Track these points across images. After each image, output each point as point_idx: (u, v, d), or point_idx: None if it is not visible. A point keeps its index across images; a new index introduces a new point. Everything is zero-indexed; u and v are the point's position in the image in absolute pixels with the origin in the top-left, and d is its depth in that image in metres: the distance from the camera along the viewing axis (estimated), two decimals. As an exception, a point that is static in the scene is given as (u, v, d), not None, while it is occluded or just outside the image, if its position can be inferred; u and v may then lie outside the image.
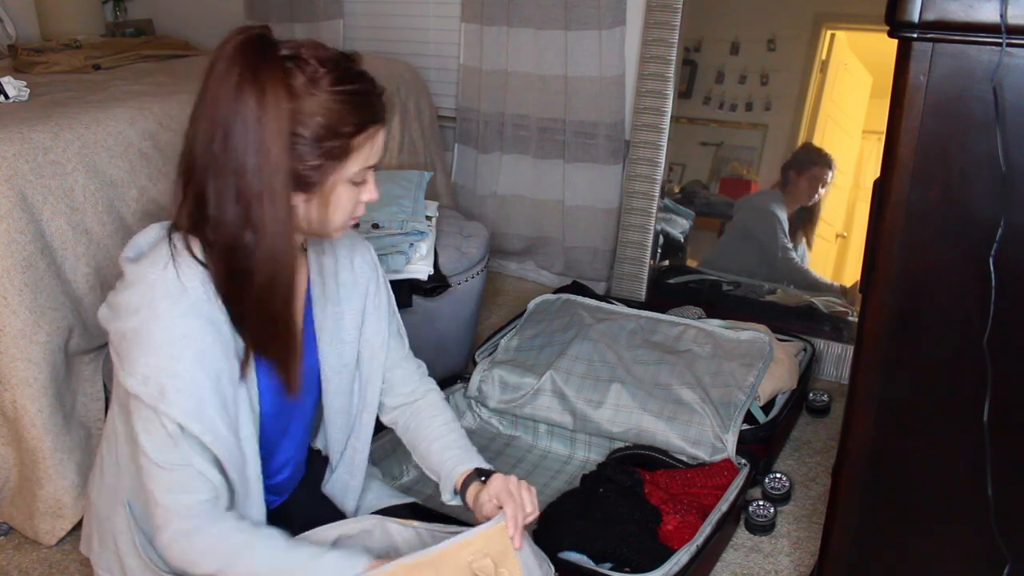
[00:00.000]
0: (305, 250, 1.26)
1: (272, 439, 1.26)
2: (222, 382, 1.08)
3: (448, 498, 1.32)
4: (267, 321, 1.12)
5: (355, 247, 1.33)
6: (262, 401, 1.17)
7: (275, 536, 1.13)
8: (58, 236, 1.66)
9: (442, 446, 1.34)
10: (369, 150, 1.11)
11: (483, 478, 1.26)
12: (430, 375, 1.49)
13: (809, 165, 2.45)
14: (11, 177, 1.60)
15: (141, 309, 1.05)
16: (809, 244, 2.47)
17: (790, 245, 2.49)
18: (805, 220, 2.48)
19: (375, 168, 1.15)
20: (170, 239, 1.09)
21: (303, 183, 1.08)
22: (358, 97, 1.08)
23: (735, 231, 2.60)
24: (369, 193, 1.15)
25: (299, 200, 1.09)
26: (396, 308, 1.41)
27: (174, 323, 1.04)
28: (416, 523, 1.28)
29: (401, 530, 1.26)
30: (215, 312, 1.08)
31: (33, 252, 1.61)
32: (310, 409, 1.34)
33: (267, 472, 1.25)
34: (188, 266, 1.07)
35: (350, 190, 1.12)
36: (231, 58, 1.03)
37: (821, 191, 2.45)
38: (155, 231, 1.16)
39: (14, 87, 2.05)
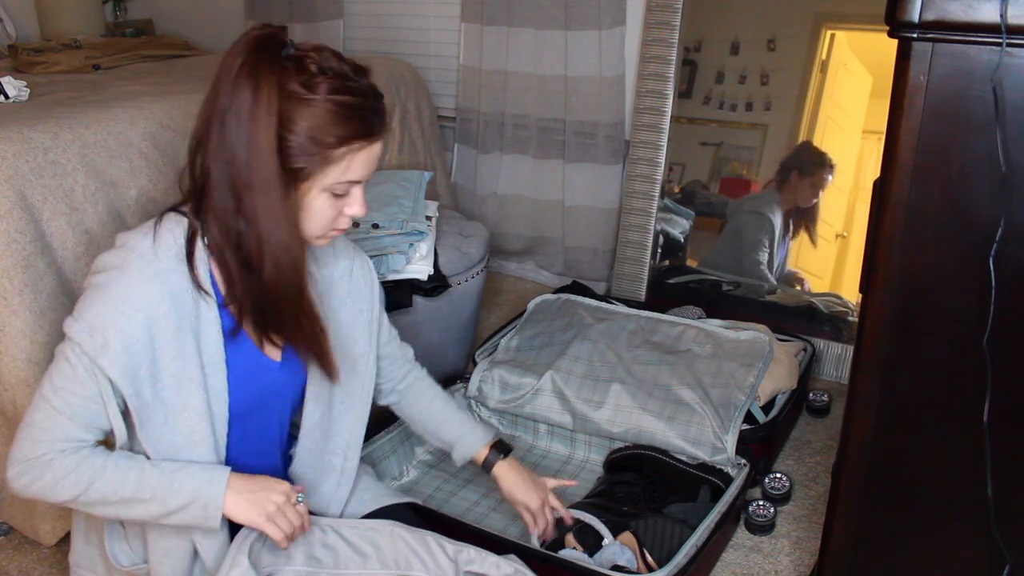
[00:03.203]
0: None
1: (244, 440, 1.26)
2: (165, 352, 1.10)
3: (460, 463, 1.53)
4: (287, 311, 1.15)
5: (355, 259, 1.35)
6: (231, 390, 1.18)
7: (134, 456, 1.14)
8: (58, 236, 1.66)
9: (453, 424, 1.53)
10: (351, 164, 1.11)
11: (502, 454, 1.52)
12: (430, 375, 1.52)
13: (811, 168, 2.45)
14: (11, 177, 1.60)
15: (112, 268, 1.10)
16: (813, 242, 2.47)
17: (764, 254, 2.50)
18: (800, 221, 2.49)
19: (361, 183, 1.15)
20: (161, 216, 1.14)
21: (285, 183, 1.09)
22: (347, 110, 1.08)
23: (729, 234, 2.60)
24: (354, 207, 1.15)
25: None
26: (384, 307, 1.45)
27: (137, 284, 1.08)
28: (430, 536, 1.27)
29: (413, 542, 1.26)
30: (183, 288, 1.11)
31: (33, 252, 1.61)
32: (288, 411, 1.33)
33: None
34: (166, 239, 1.11)
35: (328, 199, 1.13)
36: (239, 51, 1.06)
37: (819, 194, 2.46)
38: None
39: (14, 87, 2.05)
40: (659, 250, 2.67)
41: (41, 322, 1.61)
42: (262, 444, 1.30)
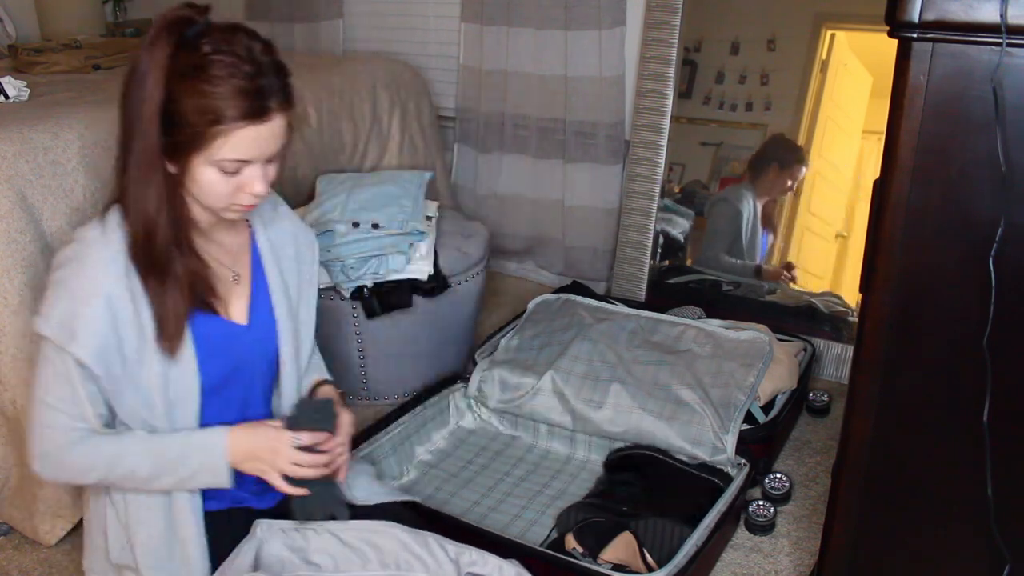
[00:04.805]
0: (248, 221, 1.35)
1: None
2: (128, 330, 1.17)
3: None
4: (146, 255, 1.19)
5: (299, 231, 1.43)
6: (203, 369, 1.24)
7: (141, 435, 1.22)
8: (58, 236, 1.66)
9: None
10: (235, 143, 1.14)
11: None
12: (431, 374, 1.53)
13: (789, 160, 2.47)
14: (11, 177, 1.60)
15: (71, 261, 1.18)
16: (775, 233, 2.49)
17: (726, 243, 2.53)
18: (777, 211, 2.52)
19: (255, 162, 1.17)
20: (107, 207, 1.22)
21: (169, 152, 1.15)
22: (230, 91, 1.11)
23: (708, 227, 2.65)
24: (255, 186, 1.19)
25: (171, 167, 1.17)
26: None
27: (92, 271, 1.17)
28: (431, 537, 1.28)
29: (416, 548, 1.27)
30: (132, 274, 1.18)
31: (33, 252, 1.61)
32: (260, 381, 1.36)
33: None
34: (112, 225, 1.19)
35: (217, 175, 1.16)
36: (152, 27, 1.13)
37: (790, 183, 2.49)
38: None
39: (14, 87, 2.05)
40: (659, 250, 2.67)
41: (41, 322, 1.61)
42: (245, 418, 1.33)
